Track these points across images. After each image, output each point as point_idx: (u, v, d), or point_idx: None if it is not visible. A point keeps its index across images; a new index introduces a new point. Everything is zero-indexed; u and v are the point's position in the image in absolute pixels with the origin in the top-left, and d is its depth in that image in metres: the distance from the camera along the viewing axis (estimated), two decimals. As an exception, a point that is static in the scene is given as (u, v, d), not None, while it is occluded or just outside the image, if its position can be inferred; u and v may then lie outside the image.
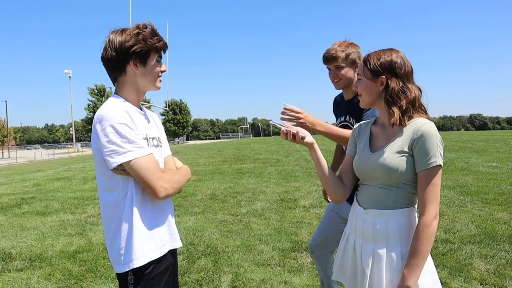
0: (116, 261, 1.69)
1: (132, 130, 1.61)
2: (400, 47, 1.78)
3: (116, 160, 1.57)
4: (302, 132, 1.76)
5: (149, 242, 1.68)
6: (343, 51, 2.40)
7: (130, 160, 1.57)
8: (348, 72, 2.46)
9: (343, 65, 2.43)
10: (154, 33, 1.74)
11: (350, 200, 2.13)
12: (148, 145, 1.75)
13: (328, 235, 2.82)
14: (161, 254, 1.73)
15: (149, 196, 1.66)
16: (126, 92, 1.77)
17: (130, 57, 1.69)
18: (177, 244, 1.85)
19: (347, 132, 2.24)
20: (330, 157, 3.39)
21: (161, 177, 1.62)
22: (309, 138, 1.77)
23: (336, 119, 2.79)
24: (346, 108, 2.61)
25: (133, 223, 1.65)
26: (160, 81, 1.83)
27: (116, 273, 1.73)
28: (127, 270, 1.66)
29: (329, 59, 2.44)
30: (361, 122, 2.01)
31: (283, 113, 2.08)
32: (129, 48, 1.67)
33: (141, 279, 1.67)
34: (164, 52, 1.82)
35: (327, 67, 2.51)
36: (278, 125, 1.79)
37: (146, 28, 1.73)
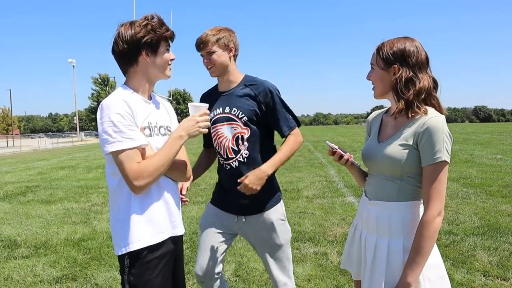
0: (116, 244, 1.75)
1: (125, 120, 1.63)
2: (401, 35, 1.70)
3: (105, 149, 1.63)
4: (352, 157, 1.87)
5: (146, 228, 1.71)
6: (213, 35, 2.27)
7: (115, 151, 1.61)
8: (220, 56, 2.29)
9: (214, 49, 2.26)
10: (161, 23, 1.77)
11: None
12: (151, 134, 1.78)
13: (215, 260, 2.47)
14: (159, 240, 1.75)
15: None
16: (136, 82, 1.81)
17: (142, 48, 1.74)
18: (178, 231, 1.87)
19: (291, 148, 2.26)
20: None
21: (135, 175, 1.61)
22: (356, 162, 1.89)
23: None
24: (224, 100, 2.38)
25: (130, 208, 1.70)
26: (170, 69, 1.87)
27: (117, 256, 1.77)
28: (123, 253, 1.71)
29: (199, 45, 2.30)
30: (375, 111, 1.99)
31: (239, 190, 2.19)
32: (140, 39, 1.71)
33: (135, 263, 1.71)
34: (172, 41, 1.86)
35: (200, 55, 2.35)
36: (333, 147, 1.85)
37: (153, 18, 1.76)
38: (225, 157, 2.39)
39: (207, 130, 1.79)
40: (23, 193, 8.81)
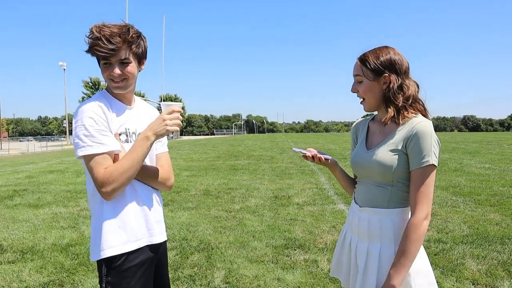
0: (91, 249, 1.72)
1: (97, 125, 1.60)
2: (394, 46, 1.73)
3: (76, 153, 1.60)
4: (325, 154, 1.89)
5: (119, 235, 1.67)
6: None
7: (84, 155, 1.59)
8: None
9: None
10: (96, 38, 1.60)
11: None
12: (128, 140, 1.74)
13: None
14: (133, 248, 1.70)
15: None
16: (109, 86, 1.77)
17: None
18: (155, 239, 1.81)
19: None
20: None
21: (102, 181, 1.57)
22: (332, 158, 1.91)
23: None
24: None
25: (103, 214, 1.66)
26: (115, 86, 1.70)
27: (96, 263, 1.74)
28: (97, 259, 1.68)
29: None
30: (360, 119, 2.00)
31: None
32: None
33: (112, 270, 1.67)
34: (113, 55, 1.63)
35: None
36: (302, 152, 1.89)
37: (91, 33, 1.61)
38: None
39: (177, 128, 1.67)
40: (10, 196, 8.68)
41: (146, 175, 1.77)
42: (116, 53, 1.62)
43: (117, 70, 1.66)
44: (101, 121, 1.62)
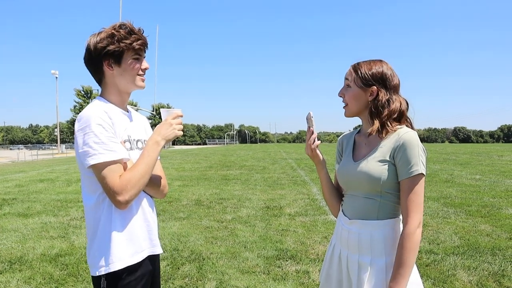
0: (92, 264, 1.65)
1: (107, 132, 1.57)
2: (383, 58, 1.77)
3: (86, 162, 1.55)
4: (319, 149, 1.85)
5: (126, 247, 1.64)
6: None
7: (97, 163, 1.53)
8: None
9: None
10: (130, 32, 1.69)
11: None
12: (131, 147, 1.73)
13: None
14: (139, 260, 1.68)
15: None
16: (108, 94, 1.74)
17: (103, 58, 1.67)
18: (157, 250, 1.79)
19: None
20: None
21: (119, 189, 1.54)
22: (321, 155, 1.89)
23: None
24: None
25: (111, 226, 1.61)
26: (142, 80, 1.77)
27: (92, 277, 1.68)
28: (101, 274, 1.62)
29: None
30: (346, 133, 2.02)
31: None
32: (101, 49, 1.65)
33: (113, 285, 1.62)
34: (144, 50, 1.77)
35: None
36: (312, 122, 1.83)
37: (121, 28, 1.68)
38: None
39: (182, 132, 1.71)
40: (-1, 206, 8.58)
41: (150, 183, 1.73)
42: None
43: (146, 63, 1.76)
44: (109, 128, 1.59)
